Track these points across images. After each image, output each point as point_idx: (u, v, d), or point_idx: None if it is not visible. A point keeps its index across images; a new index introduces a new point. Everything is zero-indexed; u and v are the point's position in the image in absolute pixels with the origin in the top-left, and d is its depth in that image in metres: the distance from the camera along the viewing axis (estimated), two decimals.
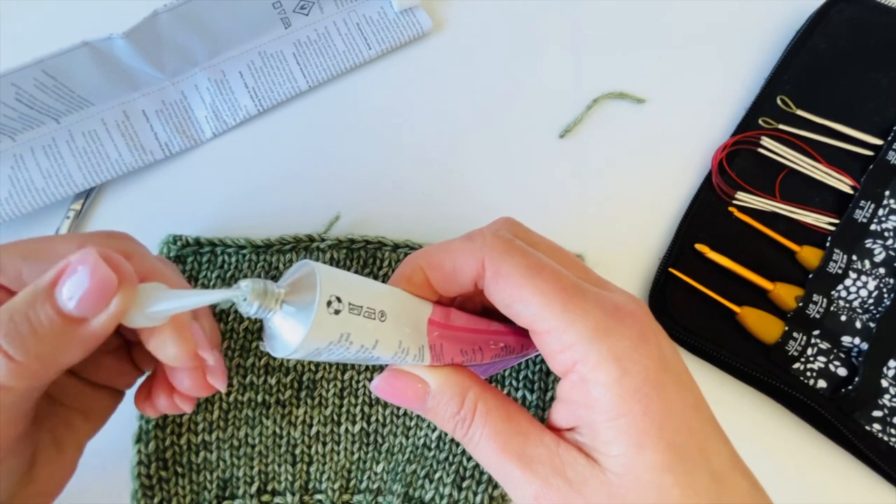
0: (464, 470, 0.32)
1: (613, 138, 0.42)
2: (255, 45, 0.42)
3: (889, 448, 0.34)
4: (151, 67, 0.39)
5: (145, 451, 0.31)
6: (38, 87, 0.35)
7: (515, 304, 0.22)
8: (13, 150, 0.37)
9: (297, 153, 0.40)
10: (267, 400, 0.33)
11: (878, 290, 0.37)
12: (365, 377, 0.34)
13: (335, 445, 0.33)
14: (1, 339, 0.19)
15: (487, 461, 0.23)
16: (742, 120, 0.42)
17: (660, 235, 0.40)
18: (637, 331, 0.21)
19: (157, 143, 0.39)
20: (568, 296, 0.21)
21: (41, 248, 0.22)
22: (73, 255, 0.20)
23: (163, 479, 0.31)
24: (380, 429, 0.33)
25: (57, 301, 0.20)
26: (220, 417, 0.32)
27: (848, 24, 0.44)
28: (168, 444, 0.32)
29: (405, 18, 0.44)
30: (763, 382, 0.35)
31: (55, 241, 0.23)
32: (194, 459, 0.32)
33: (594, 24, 0.45)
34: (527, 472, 0.21)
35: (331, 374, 0.34)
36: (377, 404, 0.34)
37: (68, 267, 0.20)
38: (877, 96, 0.42)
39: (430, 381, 0.23)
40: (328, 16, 0.43)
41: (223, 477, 0.32)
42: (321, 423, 0.33)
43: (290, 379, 0.33)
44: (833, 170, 0.40)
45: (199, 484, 0.32)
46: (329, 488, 0.32)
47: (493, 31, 0.44)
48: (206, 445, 0.32)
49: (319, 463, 0.33)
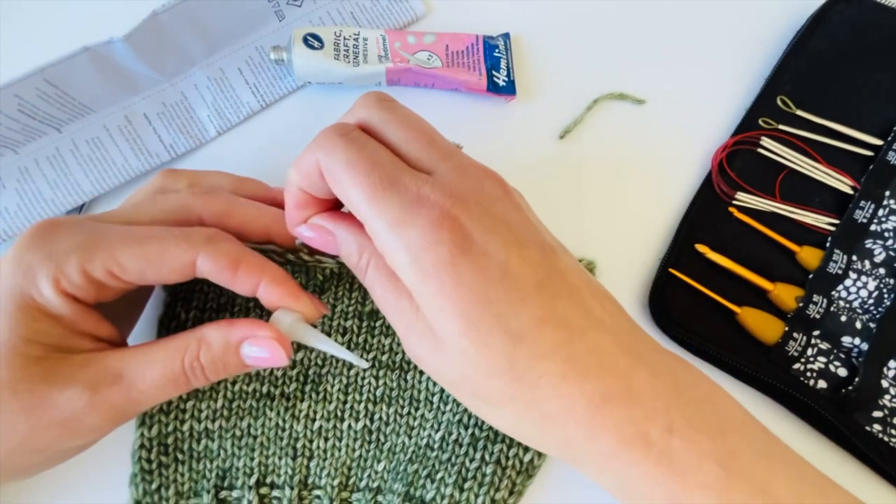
0: (466, 471, 0.32)
1: (613, 139, 0.42)
2: (251, 41, 0.42)
3: (889, 448, 0.34)
4: (151, 69, 0.39)
5: (147, 435, 0.31)
6: (40, 97, 0.35)
7: (341, 196, 0.25)
8: (17, 163, 0.37)
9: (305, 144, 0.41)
10: (272, 392, 0.33)
11: (878, 291, 0.37)
12: (371, 374, 0.34)
13: (337, 441, 0.33)
14: (209, 372, 0.27)
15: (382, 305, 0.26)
16: (742, 120, 0.42)
17: (660, 236, 0.40)
18: (431, 219, 0.23)
19: (161, 146, 0.39)
20: (373, 191, 0.24)
21: (160, 256, 0.26)
22: (261, 331, 0.27)
23: (163, 465, 0.31)
24: (382, 427, 0.33)
25: (241, 355, 0.27)
26: (224, 406, 0.32)
27: (848, 24, 0.44)
28: (171, 429, 0.32)
29: (398, 5, 0.44)
30: (763, 383, 0.36)
31: (169, 245, 0.26)
32: (195, 447, 0.32)
33: (594, 23, 0.45)
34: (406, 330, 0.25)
35: (337, 370, 0.34)
36: (381, 402, 0.34)
37: (256, 339, 0.27)
38: (877, 96, 0.42)
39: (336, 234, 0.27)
40: (321, 6, 0.43)
41: (223, 467, 0.32)
42: (324, 419, 0.33)
43: (297, 372, 0.33)
44: (833, 170, 0.40)
45: (198, 472, 0.32)
46: (328, 484, 0.32)
47: (490, 24, 0.44)
48: (209, 433, 0.32)
49: (320, 458, 0.33)
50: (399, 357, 0.34)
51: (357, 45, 0.41)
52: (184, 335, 0.27)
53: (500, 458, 0.32)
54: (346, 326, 0.34)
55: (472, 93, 0.42)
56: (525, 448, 0.33)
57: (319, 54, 0.40)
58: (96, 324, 0.27)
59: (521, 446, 0.33)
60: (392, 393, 0.34)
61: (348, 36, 0.41)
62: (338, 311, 0.34)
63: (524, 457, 0.32)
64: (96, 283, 0.26)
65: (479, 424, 0.33)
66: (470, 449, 0.32)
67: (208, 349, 0.26)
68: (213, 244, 0.27)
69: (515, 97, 0.42)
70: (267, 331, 0.27)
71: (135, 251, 0.26)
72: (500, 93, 0.42)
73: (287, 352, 0.27)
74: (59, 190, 0.37)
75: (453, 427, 0.33)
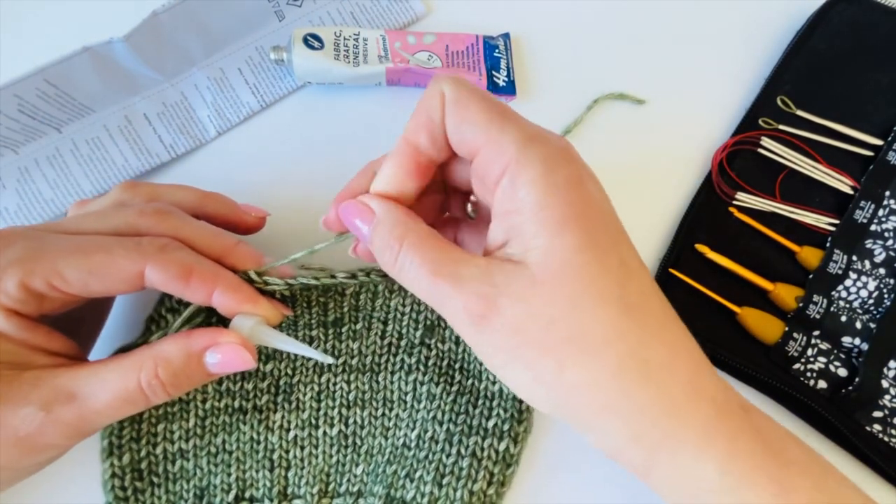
0: (444, 467, 0.32)
1: (613, 139, 0.42)
2: (251, 41, 0.42)
3: (889, 448, 0.34)
4: (151, 70, 0.39)
5: (119, 464, 0.31)
6: (40, 97, 0.35)
7: (464, 124, 0.25)
8: (17, 164, 0.37)
9: (305, 145, 0.41)
10: (244, 405, 0.33)
11: (878, 291, 0.37)
12: (342, 379, 0.33)
13: (313, 449, 0.33)
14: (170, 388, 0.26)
15: (419, 286, 0.25)
16: (742, 120, 0.42)
17: (660, 236, 0.40)
18: (560, 145, 0.25)
19: (161, 146, 0.39)
20: (502, 116, 0.24)
21: (105, 267, 0.25)
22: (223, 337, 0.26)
23: (138, 490, 0.31)
24: (358, 431, 0.33)
25: (204, 364, 0.27)
26: (197, 425, 0.32)
27: (848, 25, 0.44)
28: (143, 454, 0.31)
29: (398, 5, 0.44)
30: (763, 383, 0.36)
31: (116, 256, 0.26)
32: (171, 468, 0.32)
33: (594, 23, 0.45)
34: (457, 288, 0.24)
35: (307, 378, 0.33)
36: (355, 406, 0.33)
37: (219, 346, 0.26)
38: (877, 96, 0.42)
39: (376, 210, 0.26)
40: (321, 6, 0.44)
41: (200, 485, 0.32)
42: (299, 427, 0.33)
43: (267, 384, 0.33)
44: (833, 170, 0.40)
45: (175, 493, 0.31)
46: (308, 493, 0.32)
47: (490, 24, 0.44)
48: (183, 454, 0.32)
49: (298, 468, 0.32)
50: (369, 360, 0.34)
51: (357, 45, 0.41)
52: (138, 353, 0.26)
53: (476, 450, 0.32)
54: (313, 335, 0.33)
55: None
56: (499, 437, 0.32)
57: (319, 54, 0.40)
58: (47, 338, 0.26)
59: (495, 436, 0.32)
60: (365, 396, 0.33)
61: (348, 36, 0.41)
62: (301, 324, 0.33)
63: (499, 446, 0.32)
64: (38, 296, 0.25)
65: (453, 420, 0.33)
66: (446, 444, 0.32)
67: (168, 364, 0.26)
68: (163, 253, 0.26)
69: (515, 97, 0.42)
70: (230, 336, 0.27)
71: (78, 262, 0.25)
72: (500, 93, 0.42)
73: (253, 354, 0.27)
74: (59, 190, 0.37)
75: (428, 424, 0.33)
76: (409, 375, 0.33)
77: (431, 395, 0.33)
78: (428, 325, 0.34)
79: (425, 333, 0.34)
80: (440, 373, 0.33)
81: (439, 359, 0.34)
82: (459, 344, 0.34)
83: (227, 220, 0.32)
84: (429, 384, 0.33)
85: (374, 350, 0.34)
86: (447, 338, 0.34)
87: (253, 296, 0.28)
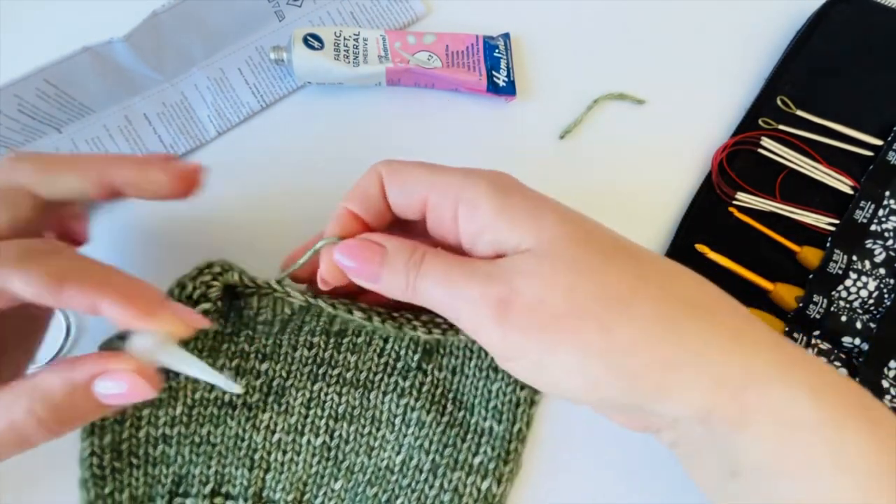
0: (425, 498, 0.32)
1: (613, 139, 0.42)
2: (251, 41, 0.42)
3: None
4: (151, 70, 0.39)
5: (98, 444, 0.31)
6: (40, 97, 0.35)
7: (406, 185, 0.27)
8: None
9: (305, 145, 0.41)
10: (234, 401, 0.32)
11: (878, 291, 0.37)
12: (334, 390, 0.33)
13: (295, 456, 0.32)
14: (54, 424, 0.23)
15: (433, 294, 0.25)
16: (742, 120, 0.42)
17: (660, 236, 0.40)
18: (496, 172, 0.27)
19: (161, 146, 0.39)
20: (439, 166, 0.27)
21: None
22: (114, 364, 0.23)
23: (116, 469, 0.31)
24: (342, 445, 0.33)
25: (94, 393, 0.23)
26: (184, 413, 0.32)
27: (848, 24, 0.44)
28: (126, 436, 0.31)
29: (398, 5, 0.44)
30: None
31: None
32: (152, 452, 0.31)
33: (594, 23, 0.45)
34: (472, 280, 0.24)
35: (301, 383, 0.33)
36: (342, 419, 0.33)
37: (108, 374, 0.23)
38: (877, 96, 0.42)
39: (386, 245, 0.26)
40: (321, 6, 0.44)
41: (179, 473, 0.31)
42: (284, 431, 0.32)
43: (260, 382, 0.33)
44: (833, 170, 0.40)
45: (153, 477, 0.31)
46: (283, 499, 0.32)
47: (490, 24, 0.44)
48: (166, 439, 0.31)
49: (276, 472, 0.32)
50: (364, 375, 0.33)
51: (357, 45, 0.41)
52: (13, 387, 0.22)
53: (458, 485, 0.32)
54: (314, 342, 0.33)
55: (472, 93, 0.42)
56: (483, 476, 0.32)
57: (319, 54, 0.40)
58: None
59: (479, 474, 0.32)
60: (354, 411, 0.33)
61: (348, 36, 0.41)
62: (305, 331, 0.33)
63: (482, 485, 0.32)
64: None
65: (440, 451, 0.32)
66: (430, 475, 0.32)
67: (48, 399, 0.22)
68: (28, 261, 0.22)
69: (515, 97, 0.42)
70: (122, 362, 0.23)
71: None
72: (500, 93, 0.42)
73: (153, 382, 0.23)
74: None
75: (414, 451, 0.32)
76: (402, 399, 0.33)
77: (421, 422, 0.33)
78: (427, 350, 0.33)
79: (423, 357, 0.33)
80: (433, 401, 0.33)
81: (433, 386, 0.33)
82: (456, 374, 0.33)
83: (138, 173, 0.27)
84: (419, 410, 0.33)
85: (370, 367, 0.33)
86: (444, 366, 0.33)
87: (150, 308, 0.23)
